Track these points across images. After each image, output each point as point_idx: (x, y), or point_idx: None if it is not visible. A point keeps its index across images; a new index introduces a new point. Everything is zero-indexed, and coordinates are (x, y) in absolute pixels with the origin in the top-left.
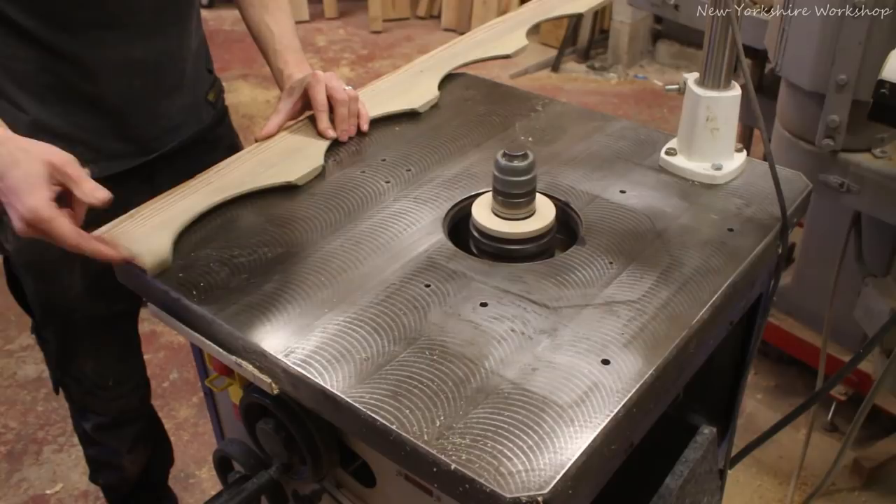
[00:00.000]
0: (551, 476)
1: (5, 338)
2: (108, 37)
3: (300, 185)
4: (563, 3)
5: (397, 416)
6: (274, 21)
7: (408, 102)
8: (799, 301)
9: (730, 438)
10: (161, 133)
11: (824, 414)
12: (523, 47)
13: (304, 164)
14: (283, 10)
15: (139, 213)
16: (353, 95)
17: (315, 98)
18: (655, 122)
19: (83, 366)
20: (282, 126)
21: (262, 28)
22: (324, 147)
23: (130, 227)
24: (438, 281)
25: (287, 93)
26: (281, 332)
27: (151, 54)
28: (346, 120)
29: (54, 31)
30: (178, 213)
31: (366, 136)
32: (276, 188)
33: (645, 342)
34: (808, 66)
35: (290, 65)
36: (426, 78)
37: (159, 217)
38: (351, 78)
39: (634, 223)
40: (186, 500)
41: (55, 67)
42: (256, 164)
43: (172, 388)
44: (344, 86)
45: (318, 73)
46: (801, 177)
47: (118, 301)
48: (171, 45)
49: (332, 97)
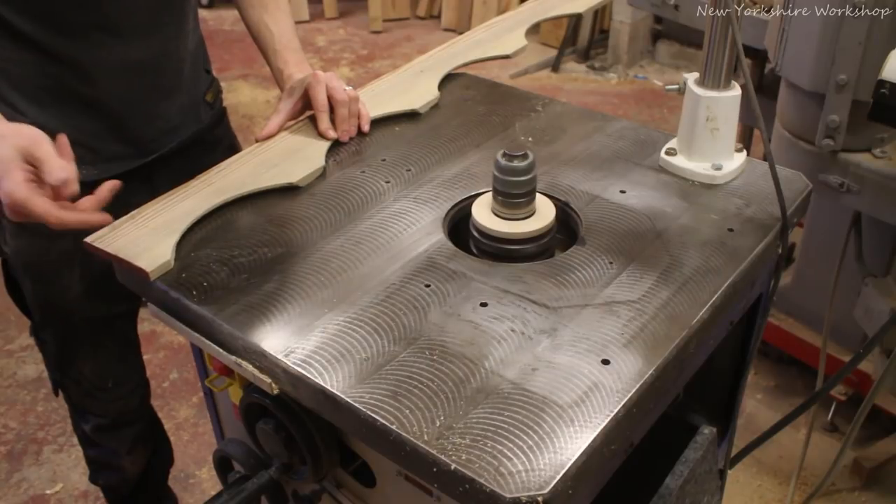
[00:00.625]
0: (551, 476)
1: (5, 338)
2: (104, 39)
3: (301, 185)
4: (563, 2)
5: (397, 416)
6: (273, 21)
7: (408, 103)
8: (799, 301)
9: (730, 438)
10: (159, 134)
11: (824, 414)
12: (523, 47)
13: (305, 165)
14: (282, 10)
15: (140, 214)
16: (353, 96)
17: (316, 98)
18: (655, 122)
19: (82, 367)
20: (282, 126)
21: (261, 28)
22: (324, 148)
23: (131, 228)
24: (438, 281)
25: (287, 93)
26: (281, 332)
27: (148, 56)
28: (346, 120)
29: (51, 33)
30: (180, 215)
31: (366, 137)
32: (275, 188)
33: (645, 342)
34: (808, 66)
35: (290, 64)
36: (426, 78)
37: (161, 218)
38: (351, 78)
39: (634, 223)
40: (186, 500)
41: (52, 70)
42: (257, 165)
43: (172, 388)
44: (344, 86)
45: (318, 74)
46: (801, 177)
47: (117, 302)
48: (169, 47)
49: (332, 97)
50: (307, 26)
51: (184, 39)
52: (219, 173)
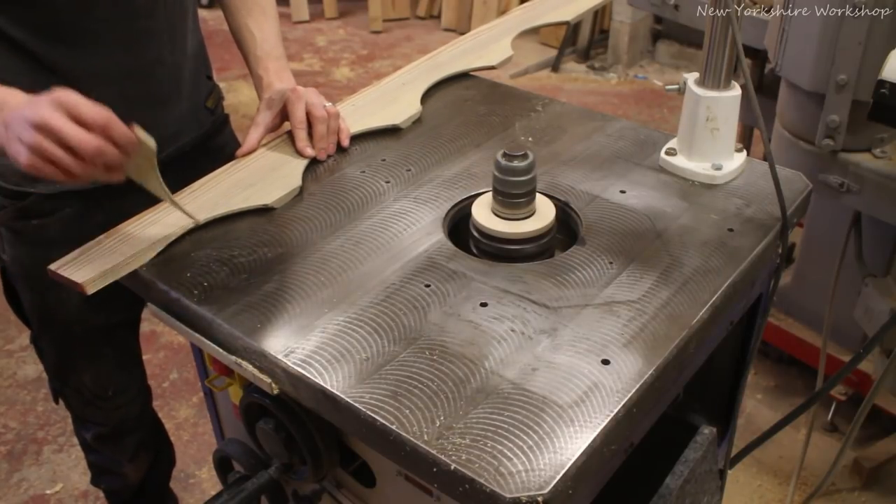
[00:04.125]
0: (551, 476)
1: (5, 338)
2: (97, 47)
3: (276, 207)
4: (550, 10)
5: (397, 416)
6: (257, 26)
7: (389, 118)
8: (799, 301)
9: (730, 438)
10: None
11: (824, 414)
12: (508, 58)
13: (281, 185)
14: (267, 16)
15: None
16: (333, 112)
17: (293, 114)
18: (655, 122)
19: (82, 375)
20: (261, 140)
21: (244, 33)
22: (302, 166)
23: (97, 254)
24: (438, 281)
25: (266, 105)
26: (281, 332)
27: (143, 62)
28: (324, 138)
29: (43, 41)
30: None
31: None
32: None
33: (645, 342)
34: (808, 66)
35: (270, 72)
36: (408, 91)
37: (126, 245)
38: (351, 78)
39: (634, 223)
40: (186, 500)
41: (45, 78)
42: (232, 185)
43: (172, 388)
44: (324, 102)
45: (298, 89)
46: (801, 177)
47: (117, 311)
48: (163, 53)
49: (311, 114)
50: (307, 26)
51: (180, 45)
52: (191, 194)
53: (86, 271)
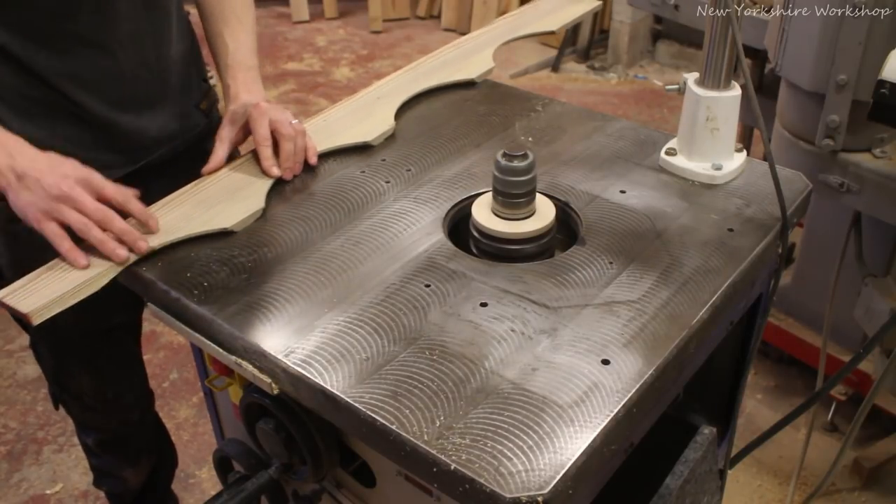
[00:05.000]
0: (551, 476)
1: (5, 338)
2: (83, 51)
3: (237, 231)
4: (535, 20)
5: (397, 416)
6: (232, 36)
7: (361, 134)
8: (799, 301)
9: (730, 438)
10: (150, 143)
11: (824, 414)
12: (489, 70)
13: (242, 207)
14: (244, 26)
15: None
16: (299, 129)
17: (257, 132)
18: (655, 122)
19: (80, 380)
20: (227, 155)
21: (218, 41)
22: (266, 187)
23: (44, 283)
24: (438, 281)
25: (229, 119)
26: (281, 332)
27: (128, 67)
28: (291, 157)
29: (30, 46)
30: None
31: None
32: (272, 186)
33: (645, 342)
34: (808, 66)
35: (237, 82)
36: (382, 106)
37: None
38: (351, 78)
39: (634, 223)
40: (186, 500)
41: (34, 82)
42: (193, 207)
43: (172, 388)
44: (290, 118)
45: (261, 105)
46: (801, 177)
47: (115, 315)
48: (149, 57)
49: (276, 131)
50: (307, 26)
51: (165, 49)
52: (157, 211)
53: (32, 300)
